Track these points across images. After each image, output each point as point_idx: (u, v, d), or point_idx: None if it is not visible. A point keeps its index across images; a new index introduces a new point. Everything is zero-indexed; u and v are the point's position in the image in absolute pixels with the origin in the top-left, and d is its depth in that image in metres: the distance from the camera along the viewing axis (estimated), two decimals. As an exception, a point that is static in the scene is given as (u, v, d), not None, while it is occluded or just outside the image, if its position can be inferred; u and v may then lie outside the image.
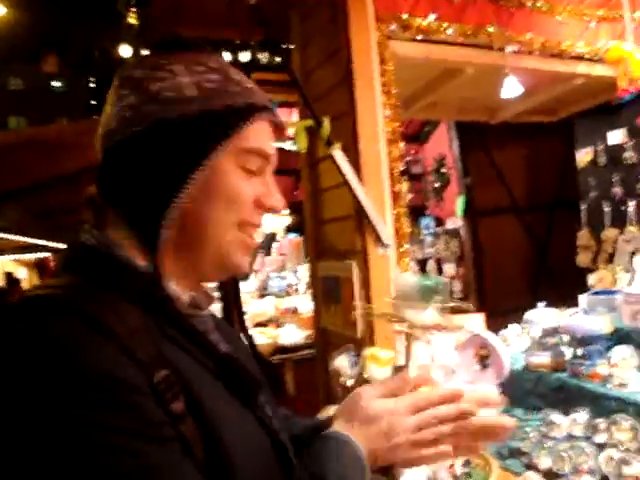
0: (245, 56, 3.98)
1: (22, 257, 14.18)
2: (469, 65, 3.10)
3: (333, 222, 2.77)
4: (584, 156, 4.47)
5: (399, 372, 2.01)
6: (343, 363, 2.24)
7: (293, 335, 4.58)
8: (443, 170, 7.31)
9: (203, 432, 0.66)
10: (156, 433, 0.61)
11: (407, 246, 2.61)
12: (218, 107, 0.76)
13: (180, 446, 0.63)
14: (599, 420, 1.82)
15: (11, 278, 10.01)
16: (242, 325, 0.94)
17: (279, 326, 4.96)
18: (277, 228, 7.33)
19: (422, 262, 6.41)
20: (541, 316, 2.56)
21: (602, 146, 4.31)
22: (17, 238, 9.29)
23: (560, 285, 5.30)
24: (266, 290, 6.42)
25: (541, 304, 2.64)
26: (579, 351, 2.10)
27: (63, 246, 0.80)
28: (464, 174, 5.76)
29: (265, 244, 7.93)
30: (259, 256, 7.29)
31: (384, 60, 2.64)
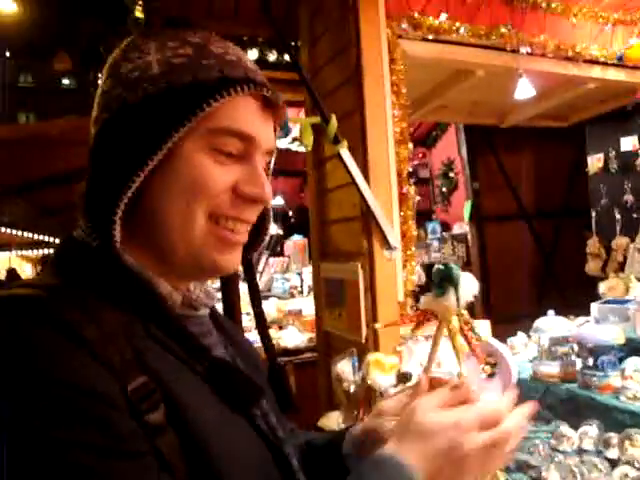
0: (253, 54, 3.94)
1: (27, 253, 14.22)
2: (480, 67, 3.04)
3: (338, 223, 2.72)
4: (595, 162, 4.40)
5: (403, 379, 1.94)
6: (345, 368, 2.18)
7: (295, 338, 4.52)
8: (451, 174, 7.27)
9: (186, 442, 0.60)
10: (128, 448, 0.55)
11: (414, 249, 2.55)
12: (184, 82, 0.66)
13: (155, 461, 0.57)
14: (611, 434, 1.75)
15: (12, 273, 10.01)
16: (262, 328, 0.86)
17: (282, 328, 4.90)
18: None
19: (428, 267, 6.34)
20: (550, 324, 2.49)
21: (614, 152, 4.25)
22: (23, 234, 9.30)
23: (567, 293, 5.24)
24: (270, 291, 6.37)
25: (551, 312, 2.57)
26: (590, 361, 2.03)
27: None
28: (472, 179, 5.69)
29: (271, 245, 7.89)
30: (263, 257, 7.24)
31: (394, 59, 2.59)
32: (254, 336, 0.95)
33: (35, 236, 9.67)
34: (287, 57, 3.59)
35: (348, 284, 2.46)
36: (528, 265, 5.68)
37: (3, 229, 8.79)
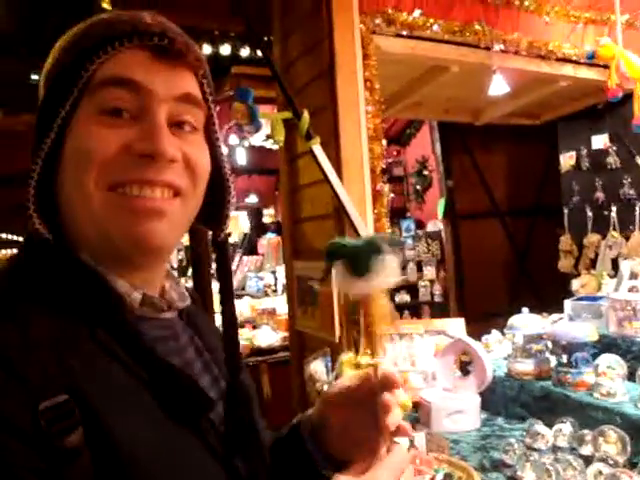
0: (225, 49, 3.88)
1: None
2: (455, 63, 3.04)
3: (311, 220, 2.68)
4: (567, 160, 4.44)
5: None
6: (318, 368, 2.14)
7: (269, 337, 4.48)
8: (425, 172, 7.29)
9: (109, 466, 0.54)
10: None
11: (388, 247, 2.52)
12: (72, 56, 0.63)
13: None
14: (585, 431, 1.74)
15: None
16: (230, 328, 0.78)
17: (255, 327, 4.85)
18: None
19: (402, 264, 6.34)
20: (524, 322, 2.49)
21: (585, 150, 4.29)
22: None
23: (540, 290, 5.29)
24: (243, 290, 6.31)
25: (525, 309, 2.56)
26: (564, 359, 2.02)
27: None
28: (446, 176, 5.71)
29: (244, 243, 7.82)
30: (237, 255, 7.18)
31: (367, 55, 2.57)
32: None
33: (4, 236, 9.49)
34: (259, 52, 3.54)
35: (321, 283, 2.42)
36: (502, 262, 5.73)
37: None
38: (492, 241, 5.73)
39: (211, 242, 0.77)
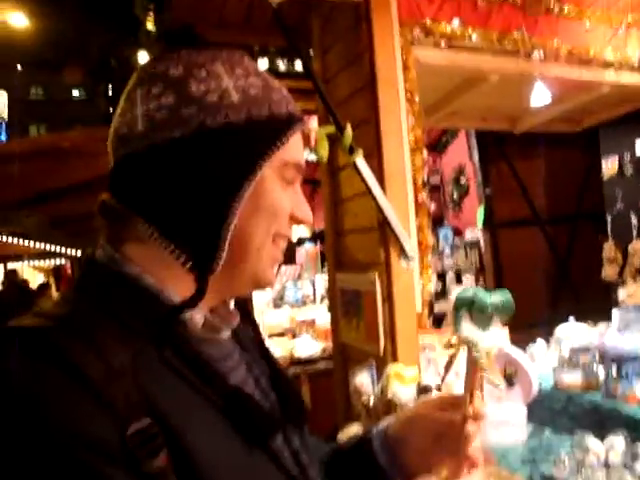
0: (263, 63, 3.94)
1: (40, 263, 14.35)
2: (493, 72, 3.01)
3: (354, 233, 2.69)
4: (610, 166, 4.35)
5: (424, 391, 1.91)
6: (364, 380, 2.15)
7: (309, 347, 4.48)
8: (462, 180, 7.22)
9: None
10: None
11: (430, 258, 2.52)
12: (263, 116, 0.70)
13: None
14: (639, 446, 1.71)
15: (44, 287, 10.17)
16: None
17: (295, 337, 4.87)
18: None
19: (441, 274, 6.30)
20: (571, 332, 2.45)
21: (629, 156, 4.20)
22: (35, 244, 9.39)
23: (582, 299, 5.18)
24: (282, 300, 6.33)
25: (571, 318, 2.52)
26: (614, 371, 1.99)
27: (78, 253, 0.74)
28: (484, 184, 5.65)
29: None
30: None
31: (407, 66, 2.57)
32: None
33: (47, 247, 9.76)
34: (298, 66, 3.58)
35: (365, 295, 2.43)
36: (542, 271, 5.63)
37: (16, 240, 8.87)
38: (532, 249, 5.63)
39: None
